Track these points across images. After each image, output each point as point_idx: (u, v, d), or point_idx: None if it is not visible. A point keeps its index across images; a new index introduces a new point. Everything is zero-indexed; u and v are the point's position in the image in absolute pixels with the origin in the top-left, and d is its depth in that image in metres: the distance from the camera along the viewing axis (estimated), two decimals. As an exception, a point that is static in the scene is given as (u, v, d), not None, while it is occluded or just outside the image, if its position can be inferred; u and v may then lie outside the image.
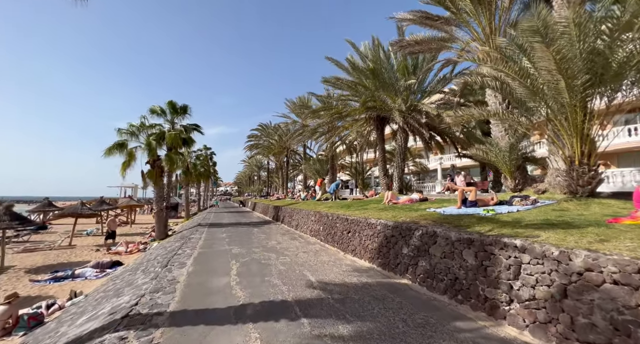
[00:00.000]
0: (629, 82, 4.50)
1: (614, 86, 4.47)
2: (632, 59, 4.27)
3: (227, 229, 13.20)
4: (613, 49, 4.30)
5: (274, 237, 10.26)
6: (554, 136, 5.85)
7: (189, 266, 6.05)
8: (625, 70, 4.37)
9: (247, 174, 78.48)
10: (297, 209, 13.18)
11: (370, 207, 8.64)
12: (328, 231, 8.66)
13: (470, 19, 7.87)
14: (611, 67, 4.36)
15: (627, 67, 4.34)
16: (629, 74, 4.44)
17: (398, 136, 13.80)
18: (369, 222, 6.38)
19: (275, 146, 34.17)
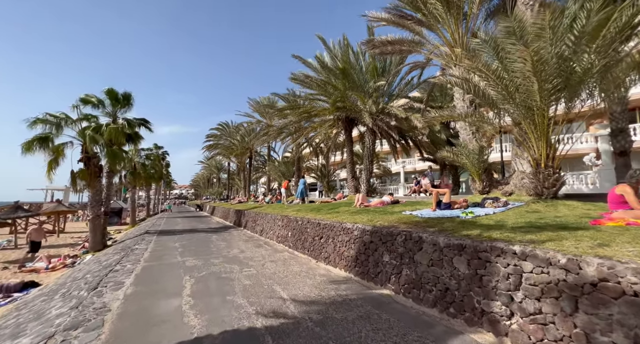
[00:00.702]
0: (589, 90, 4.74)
1: (577, 92, 4.69)
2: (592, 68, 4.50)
3: (180, 236, 11.72)
4: (578, 56, 4.49)
5: (236, 244, 9.27)
6: (520, 139, 6.06)
7: (128, 286, 4.91)
8: (587, 78, 4.59)
9: (206, 176, 73.63)
10: (262, 213, 12.28)
11: (342, 211, 8.24)
12: (297, 237, 8.03)
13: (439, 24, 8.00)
14: (576, 73, 4.56)
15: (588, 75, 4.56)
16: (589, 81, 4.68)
17: (366, 138, 13.78)
18: (344, 227, 5.93)
19: (237, 147, 32.37)
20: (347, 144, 14.69)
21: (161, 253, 8.08)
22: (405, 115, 10.66)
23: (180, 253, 8.00)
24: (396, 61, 11.65)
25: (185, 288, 4.77)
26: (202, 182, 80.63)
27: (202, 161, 63.55)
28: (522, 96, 4.93)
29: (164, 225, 17.91)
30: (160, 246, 9.51)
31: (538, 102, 4.73)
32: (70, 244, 16.26)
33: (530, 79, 4.50)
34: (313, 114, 13.73)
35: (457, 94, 7.88)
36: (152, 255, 7.81)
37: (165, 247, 9.06)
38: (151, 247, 9.13)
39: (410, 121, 10.86)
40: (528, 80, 4.57)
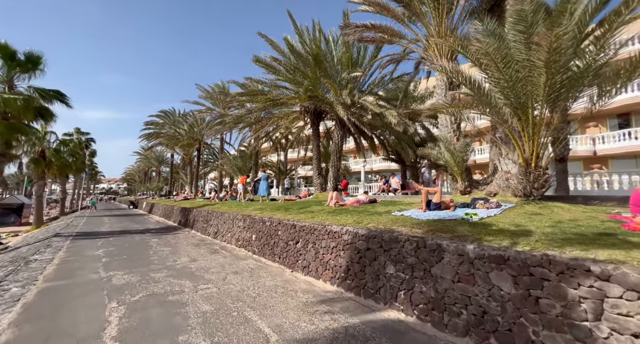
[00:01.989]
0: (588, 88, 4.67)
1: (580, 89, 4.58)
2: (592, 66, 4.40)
3: (106, 240, 9.30)
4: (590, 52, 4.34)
5: (184, 250, 7.56)
6: (504, 137, 5.92)
7: (3, 330, 3.15)
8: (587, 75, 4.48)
9: (143, 169, 64.83)
10: (216, 212, 10.57)
11: (316, 210, 7.28)
12: (265, 241, 6.80)
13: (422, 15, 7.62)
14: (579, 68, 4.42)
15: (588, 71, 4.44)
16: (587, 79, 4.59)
17: (335, 134, 13.07)
18: (329, 231, 4.99)
19: (183, 137, 28.75)
20: (313, 139, 13.76)
21: (75, 266, 5.99)
22: (380, 110, 10.21)
23: (104, 265, 6.04)
24: (372, 53, 11.15)
25: (110, 324, 3.24)
26: (138, 176, 70.86)
27: (138, 152, 55.73)
28: (523, 89, 4.67)
29: (83, 225, 14.47)
30: (75, 254, 7.21)
31: (541, 97, 4.50)
32: None
33: (538, 71, 4.21)
34: (279, 103, 12.42)
35: (439, 89, 7.62)
36: (60, 269, 5.70)
37: (83, 257, 6.87)
38: (60, 257, 6.82)
39: (384, 117, 10.46)
40: (536, 72, 4.28)
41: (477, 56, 4.86)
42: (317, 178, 13.52)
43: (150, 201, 28.43)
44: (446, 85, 7.44)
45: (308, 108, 13.35)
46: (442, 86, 7.47)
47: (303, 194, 13.00)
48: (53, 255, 7.02)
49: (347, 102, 10.31)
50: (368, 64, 11.34)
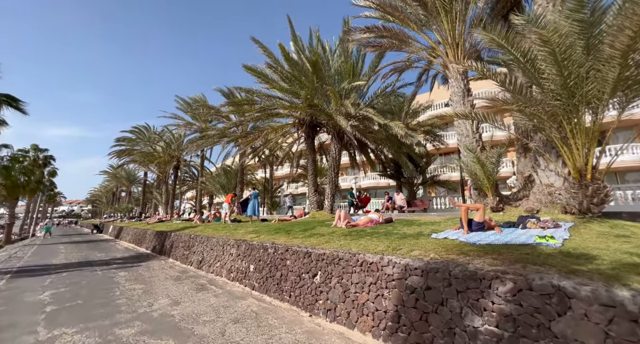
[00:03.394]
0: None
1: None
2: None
3: (57, 277, 7.40)
4: None
5: (161, 287, 5.98)
6: (544, 146, 5.32)
7: None
8: None
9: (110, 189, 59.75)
10: (200, 236, 9.02)
11: (326, 233, 6.15)
12: (269, 274, 5.48)
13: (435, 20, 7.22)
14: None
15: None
16: None
17: (332, 147, 12.21)
18: (361, 261, 3.87)
19: (159, 154, 26.67)
20: (309, 153, 12.79)
21: (1, 321, 4.28)
22: (384, 121, 9.55)
23: (48, 317, 4.40)
24: (373, 62, 10.69)
25: None
26: (105, 196, 65.14)
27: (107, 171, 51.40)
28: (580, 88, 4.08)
29: (30, 257, 12.02)
30: (7, 301, 5.39)
31: (606, 96, 3.90)
32: None
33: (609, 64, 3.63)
34: (273, 114, 11.48)
35: (456, 96, 7.06)
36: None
37: (18, 305, 5.10)
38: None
39: (388, 129, 9.80)
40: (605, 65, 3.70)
41: (523, 52, 4.25)
42: (313, 195, 12.40)
43: (118, 224, 25.45)
44: (464, 92, 6.91)
45: (303, 121, 12.49)
46: (459, 92, 6.93)
47: (298, 214, 11.75)
48: (-25, 304, 5.17)
49: (351, 113, 9.58)
50: (368, 73, 10.85)
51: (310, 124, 12.43)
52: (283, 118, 12.70)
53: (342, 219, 7.39)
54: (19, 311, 4.80)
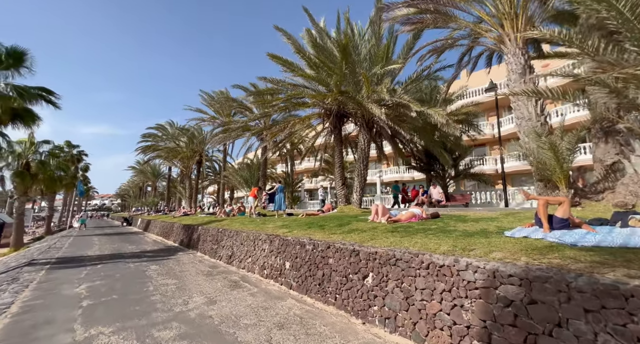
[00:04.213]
0: None
1: None
2: None
3: (93, 269, 7.41)
4: None
5: (194, 284, 5.71)
6: (638, 129, 4.39)
7: None
8: None
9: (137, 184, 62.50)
10: (229, 231, 8.76)
11: (366, 229, 5.59)
12: (308, 272, 5.02)
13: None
14: None
15: None
16: None
17: (360, 138, 11.53)
18: (427, 263, 3.28)
19: (183, 149, 27.15)
20: (336, 145, 12.21)
21: (39, 317, 4.13)
22: (421, 108, 8.73)
23: (85, 313, 4.20)
24: (407, 43, 9.82)
25: None
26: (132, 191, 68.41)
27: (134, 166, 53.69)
28: None
29: (68, 248, 12.45)
30: (46, 294, 5.33)
31: None
32: None
33: None
34: (299, 104, 10.96)
35: (514, 74, 6.15)
36: (14, 326, 3.83)
37: (56, 299, 5.00)
38: (23, 300, 4.94)
39: (426, 117, 8.99)
40: None
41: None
42: (340, 189, 11.86)
43: (145, 218, 26.31)
44: (524, 68, 6.00)
45: (330, 110, 11.91)
46: (519, 69, 6.03)
47: (326, 208, 11.25)
48: (14, 297, 5.12)
49: (385, 99, 8.85)
50: (402, 57, 10.00)
51: (338, 114, 11.83)
52: (309, 108, 12.15)
53: (380, 214, 6.77)
54: (56, 305, 4.67)
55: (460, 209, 8.67)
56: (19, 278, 6.70)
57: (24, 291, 5.56)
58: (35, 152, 18.12)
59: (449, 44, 8.19)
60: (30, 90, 9.41)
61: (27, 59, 9.66)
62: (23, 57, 9.55)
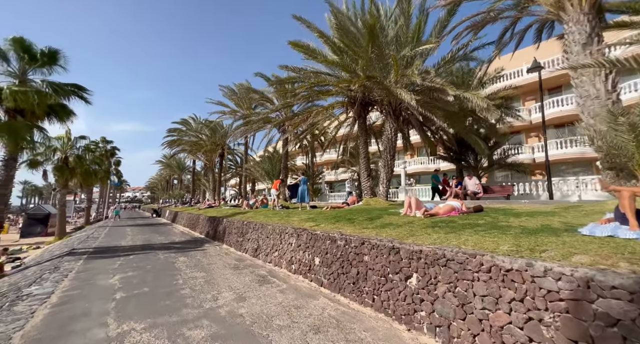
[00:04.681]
0: None
1: None
2: None
3: (125, 260, 7.60)
4: None
5: (221, 277, 5.60)
6: None
7: None
8: None
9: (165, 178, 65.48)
10: (254, 224, 8.64)
11: (401, 223, 5.12)
12: (340, 270, 4.69)
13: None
14: None
15: None
16: None
17: (387, 127, 10.87)
18: (488, 265, 2.79)
19: (205, 142, 27.70)
20: (360, 135, 11.65)
21: (76, 308, 4.15)
22: (457, 92, 7.94)
23: (118, 306, 4.17)
24: (440, 21, 8.93)
25: None
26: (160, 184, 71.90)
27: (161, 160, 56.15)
28: None
29: (104, 238, 13.10)
30: (84, 284, 5.45)
31: None
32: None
33: None
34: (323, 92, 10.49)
35: (576, 46, 5.27)
36: (52, 317, 3.86)
37: (92, 289, 5.07)
38: (63, 290, 5.06)
39: (462, 102, 8.19)
40: None
41: None
42: (365, 181, 11.35)
43: (173, 210, 27.39)
44: (590, 38, 5.11)
45: (354, 98, 11.33)
46: (583, 39, 5.14)
47: (351, 200, 10.86)
48: (54, 286, 5.27)
49: (416, 83, 8.14)
50: (434, 36, 9.13)
51: (362, 101, 11.22)
52: (332, 97, 11.64)
53: (413, 207, 6.26)
54: (92, 296, 4.71)
55: (501, 202, 7.89)
56: (60, 267, 6.99)
57: (63, 280, 5.74)
58: (73, 148, 19.15)
59: (491, 17, 7.26)
60: (64, 86, 9.73)
61: (60, 58, 9.97)
62: (56, 56, 9.86)
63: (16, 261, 12.08)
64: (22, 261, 11.91)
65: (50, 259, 8.63)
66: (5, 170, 8.78)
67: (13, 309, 4.18)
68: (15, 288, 5.50)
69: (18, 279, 6.60)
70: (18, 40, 9.15)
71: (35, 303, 4.37)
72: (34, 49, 9.49)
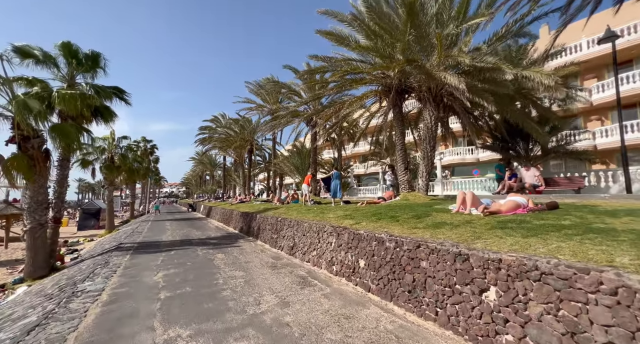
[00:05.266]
0: None
1: None
2: None
3: (167, 256, 7.77)
4: None
5: (260, 277, 5.39)
6: None
7: None
8: None
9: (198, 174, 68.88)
10: (289, 220, 8.41)
11: (458, 222, 4.48)
12: (391, 275, 4.20)
13: None
14: None
15: None
16: None
17: (426, 115, 9.98)
18: (623, 288, 2.14)
19: (235, 138, 28.28)
20: (396, 125, 10.88)
21: (125, 308, 4.14)
22: (514, 70, 6.87)
23: (163, 308, 4.09)
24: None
25: None
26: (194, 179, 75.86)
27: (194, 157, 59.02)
28: None
29: (147, 232, 13.83)
30: (130, 279, 5.56)
31: None
32: (15, 262, 12.06)
33: None
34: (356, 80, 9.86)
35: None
36: (103, 318, 3.85)
37: (138, 287, 5.12)
38: (112, 286, 5.17)
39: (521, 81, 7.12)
40: None
41: None
42: (403, 174, 10.61)
43: (207, 204, 28.52)
44: None
45: (389, 86, 10.55)
46: None
47: (387, 195, 10.22)
48: (104, 283, 5.41)
49: (464, 63, 7.22)
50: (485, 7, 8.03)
51: (398, 89, 10.41)
52: (364, 86, 10.96)
53: (468, 203, 5.54)
54: (138, 295, 4.72)
55: (571, 197, 6.81)
56: (109, 262, 7.31)
57: (112, 276, 5.91)
58: (117, 147, 20.47)
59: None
60: (106, 89, 10.15)
61: (101, 61, 10.40)
62: (98, 59, 10.30)
63: (74, 253, 13.19)
64: (79, 253, 12.95)
65: (101, 253, 9.17)
66: (60, 169, 9.41)
67: (69, 306, 4.28)
68: (72, 282, 5.77)
69: (74, 272, 7.00)
70: (66, 45, 9.64)
71: (88, 301, 4.46)
72: (80, 54, 9.96)
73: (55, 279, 7.10)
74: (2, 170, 7.62)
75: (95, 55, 10.26)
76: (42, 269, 8.18)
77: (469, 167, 24.63)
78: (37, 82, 8.94)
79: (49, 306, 4.42)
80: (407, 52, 8.16)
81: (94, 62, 10.26)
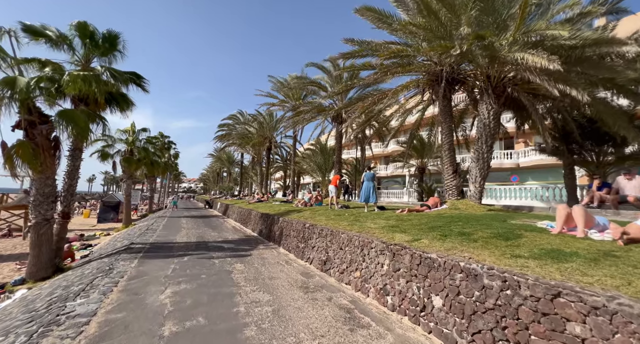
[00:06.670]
0: None
1: None
2: None
3: (180, 263, 6.71)
4: None
5: (292, 304, 4.09)
6: None
7: None
8: None
9: (215, 170, 69.41)
10: (320, 228, 7.10)
11: (580, 252, 2.99)
12: (494, 330, 2.79)
13: None
14: None
15: None
16: None
17: (484, 109, 8.38)
18: None
19: (254, 136, 27.50)
20: (444, 121, 9.33)
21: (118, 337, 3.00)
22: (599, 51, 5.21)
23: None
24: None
25: None
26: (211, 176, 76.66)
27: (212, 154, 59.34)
28: None
29: (161, 231, 13.03)
30: (131, 298, 4.46)
31: None
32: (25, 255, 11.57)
33: None
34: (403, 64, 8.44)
35: None
36: None
37: (138, 312, 3.99)
38: (107, 308, 4.07)
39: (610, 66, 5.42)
40: None
41: None
42: (452, 178, 9.06)
43: (224, 202, 27.92)
44: None
45: (437, 74, 9.04)
46: None
47: (432, 203, 8.71)
48: (99, 302, 4.33)
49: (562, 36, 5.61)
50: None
51: (449, 78, 8.86)
52: (407, 75, 9.50)
53: (580, 223, 4.00)
54: (136, 327, 3.56)
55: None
56: (114, 268, 6.33)
57: (112, 291, 4.86)
58: (136, 140, 20.09)
59: None
60: (123, 73, 9.32)
61: (119, 43, 9.58)
62: (116, 41, 9.47)
63: (87, 249, 12.61)
64: (91, 249, 12.34)
65: (109, 254, 8.30)
66: (72, 160, 8.65)
67: (55, 329, 3.21)
68: (63, 297, 4.76)
69: (73, 280, 6.07)
70: (82, 25, 8.88)
71: (70, 334, 3.35)
72: (97, 35, 9.17)
73: (54, 285, 6.21)
74: (3, 157, 6.85)
75: (113, 37, 9.43)
76: (45, 270, 7.38)
77: (506, 173, 22.33)
78: (50, 64, 8.19)
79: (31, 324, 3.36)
80: (474, 27, 6.64)
81: (111, 44, 9.45)
